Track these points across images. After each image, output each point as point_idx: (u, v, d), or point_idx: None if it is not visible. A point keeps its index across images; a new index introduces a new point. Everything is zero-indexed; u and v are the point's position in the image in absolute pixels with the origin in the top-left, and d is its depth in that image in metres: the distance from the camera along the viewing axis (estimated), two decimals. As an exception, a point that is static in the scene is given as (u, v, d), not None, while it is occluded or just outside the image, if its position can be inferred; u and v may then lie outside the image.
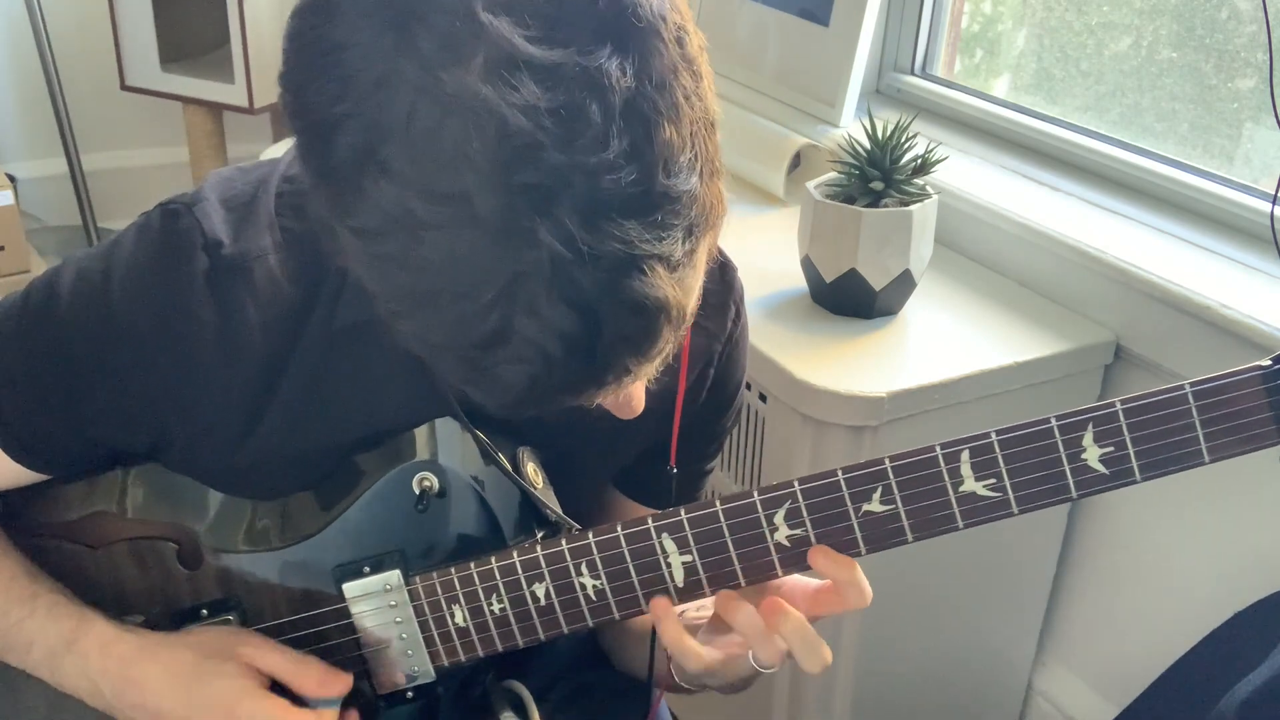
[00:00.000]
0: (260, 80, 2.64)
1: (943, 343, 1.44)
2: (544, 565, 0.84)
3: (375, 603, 0.88)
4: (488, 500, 0.87)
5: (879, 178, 1.41)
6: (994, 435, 0.75)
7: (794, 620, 0.80)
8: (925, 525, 0.77)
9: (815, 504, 0.78)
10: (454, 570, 0.86)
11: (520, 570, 0.84)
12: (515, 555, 0.84)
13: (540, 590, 0.84)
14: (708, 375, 0.95)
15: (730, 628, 0.82)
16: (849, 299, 1.46)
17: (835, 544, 0.79)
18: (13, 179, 2.54)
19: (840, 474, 0.77)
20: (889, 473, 0.77)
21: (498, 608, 0.86)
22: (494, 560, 0.85)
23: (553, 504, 0.89)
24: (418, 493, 0.86)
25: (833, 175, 1.47)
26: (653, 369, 0.69)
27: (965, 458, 0.75)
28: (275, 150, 2.25)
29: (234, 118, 2.85)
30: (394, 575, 0.87)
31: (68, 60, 2.76)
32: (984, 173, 1.68)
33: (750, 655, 0.82)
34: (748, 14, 1.98)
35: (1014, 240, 1.56)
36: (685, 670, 0.85)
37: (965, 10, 1.92)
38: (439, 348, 0.64)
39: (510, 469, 0.86)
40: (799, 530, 0.79)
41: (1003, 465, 0.75)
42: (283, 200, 0.83)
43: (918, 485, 0.76)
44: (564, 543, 0.83)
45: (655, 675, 0.94)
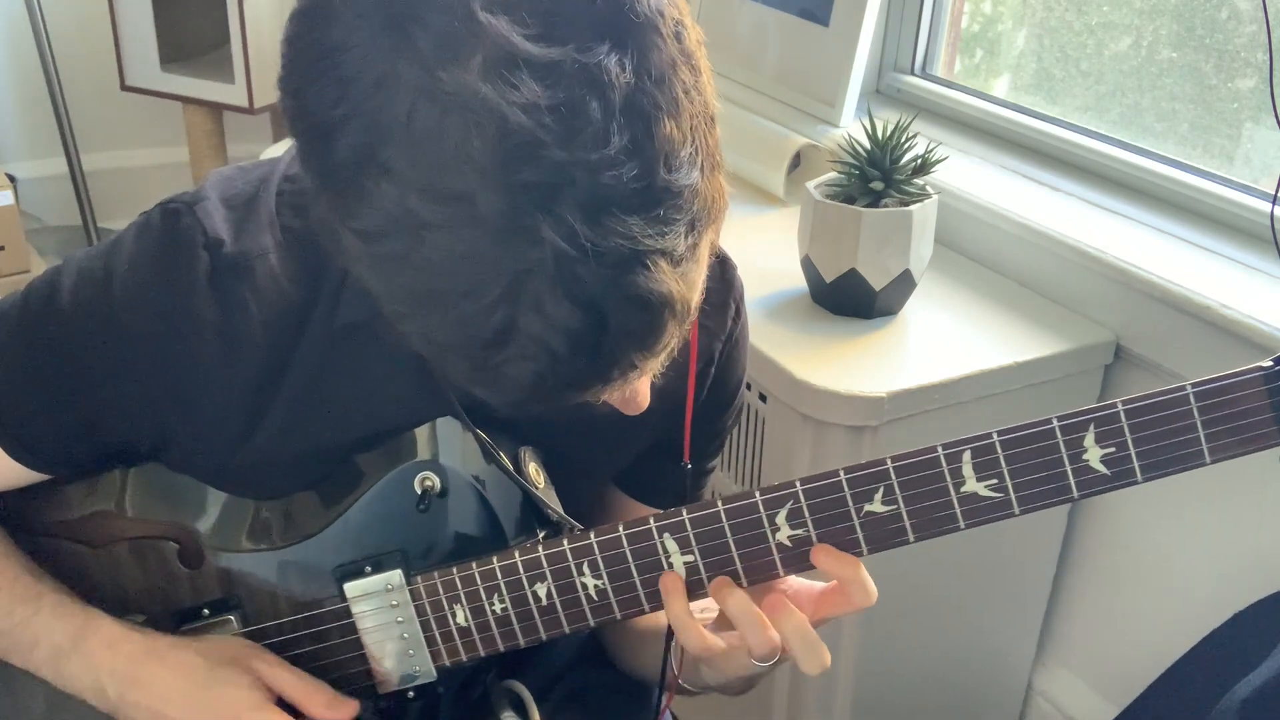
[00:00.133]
0: (260, 80, 2.64)
1: (943, 343, 1.44)
2: (545, 565, 0.84)
3: (376, 602, 0.88)
4: (489, 500, 0.87)
5: (879, 178, 1.41)
6: (995, 436, 0.75)
7: (795, 619, 0.80)
8: (927, 525, 0.77)
9: (817, 504, 0.78)
10: (455, 570, 0.86)
11: (522, 570, 0.84)
12: (517, 555, 0.84)
13: (542, 590, 0.84)
14: (708, 374, 0.95)
15: (730, 623, 0.82)
16: (849, 299, 1.46)
17: (837, 544, 0.79)
18: (13, 179, 2.54)
19: (842, 474, 0.77)
20: (891, 473, 0.77)
21: (499, 607, 0.86)
22: (495, 560, 0.85)
23: (554, 504, 0.89)
24: (419, 492, 0.86)
25: (833, 175, 1.47)
26: (658, 364, 0.69)
27: (967, 458, 0.75)
28: (275, 150, 2.24)
29: (234, 118, 2.85)
30: (395, 575, 0.87)
31: (68, 60, 2.76)
32: (984, 173, 1.68)
33: (746, 648, 0.82)
34: (748, 14, 1.98)
35: (1014, 240, 1.56)
36: (685, 650, 0.85)
37: (965, 10, 1.92)
38: (444, 347, 0.64)
39: (511, 468, 0.86)
40: (801, 530, 0.79)
41: (1004, 466, 0.75)
42: (283, 199, 0.83)
43: (919, 485, 0.76)
44: (565, 542, 0.83)
45: (662, 680, 0.94)
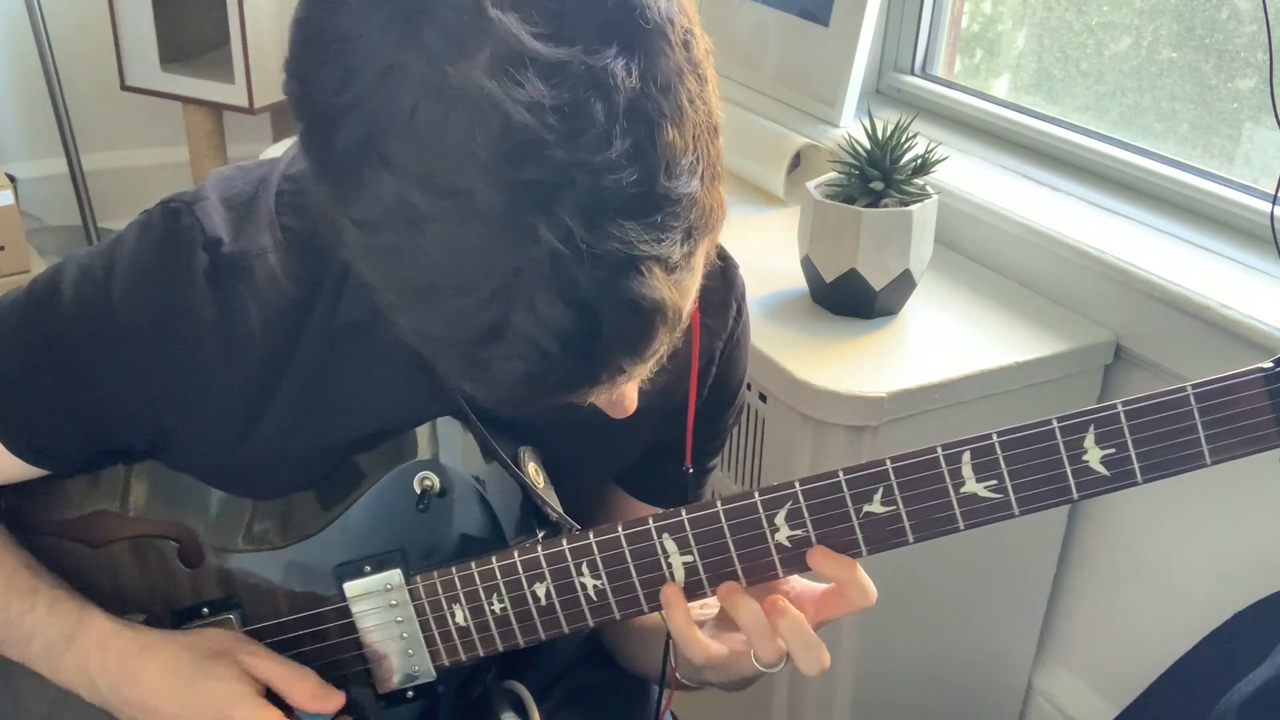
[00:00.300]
0: (260, 80, 2.64)
1: (943, 343, 1.44)
2: (545, 565, 0.84)
3: (376, 602, 0.88)
4: (489, 500, 0.87)
5: (879, 178, 1.41)
6: (995, 436, 0.75)
7: (792, 619, 0.80)
8: (926, 526, 0.77)
9: (816, 504, 0.78)
10: (455, 570, 0.86)
11: (521, 570, 0.84)
12: (516, 555, 0.84)
13: (541, 590, 0.84)
14: (709, 373, 0.95)
15: (734, 624, 0.82)
16: (849, 299, 1.46)
17: (836, 545, 0.79)
18: (13, 179, 2.54)
19: (841, 475, 0.77)
20: (890, 474, 0.76)
21: (498, 607, 0.86)
22: (495, 560, 0.85)
23: (554, 503, 0.89)
24: (419, 492, 0.86)
25: (833, 175, 1.47)
26: (647, 369, 0.69)
27: (967, 459, 0.75)
28: (275, 150, 2.24)
29: (234, 118, 2.85)
30: (395, 574, 0.87)
31: (68, 60, 2.75)
32: (984, 173, 1.68)
33: (751, 653, 0.82)
34: (748, 14, 1.98)
35: (1014, 240, 1.56)
36: (690, 662, 0.85)
37: (965, 10, 1.92)
38: (436, 341, 0.64)
39: (511, 464, 0.86)
40: (800, 531, 0.79)
41: (1004, 466, 0.75)
42: (283, 199, 0.83)
43: (919, 486, 0.76)
44: (565, 542, 0.83)
45: (654, 677, 0.94)
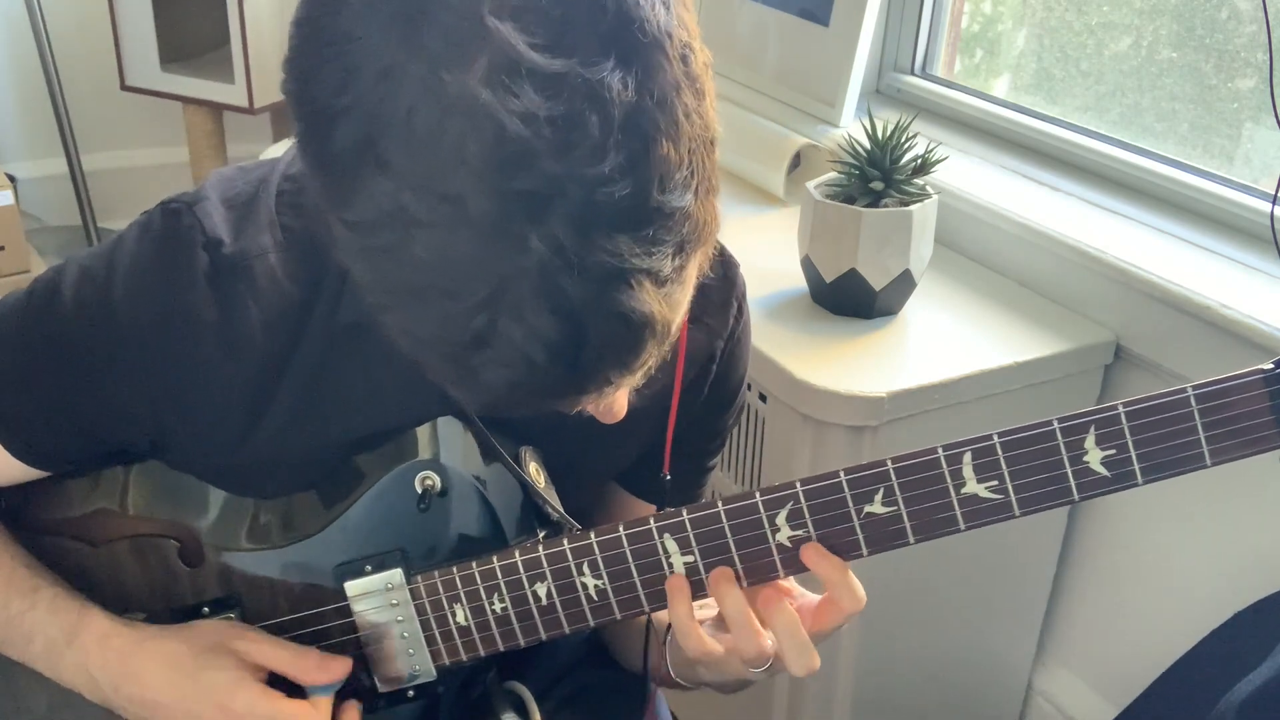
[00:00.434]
0: (260, 80, 2.64)
1: (943, 343, 1.44)
2: (546, 565, 0.84)
3: (376, 601, 0.88)
4: (490, 499, 0.87)
5: (879, 178, 1.41)
6: (996, 437, 0.75)
7: (788, 615, 0.80)
8: (927, 527, 0.77)
9: (817, 505, 0.78)
10: (455, 569, 0.86)
11: (522, 569, 0.84)
12: (517, 554, 0.84)
13: (542, 590, 0.84)
14: (710, 371, 0.95)
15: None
16: (849, 299, 1.46)
17: (837, 545, 0.79)
18: (13, 179, 2.54)
19: (842, 475, 0.77)
20: (891, 474, 0.77)
21: (499, 607, 0.86)
22: (496, 559, 0.85)
23: (555, 503, 0.89)
24: (419, 492, 0.86)
25: (833, 175, 1.47)
26: (635, 380, 0.69)
27: (967, 459, 0.75)
28: (275, 150, 2.24)
29: (234, 118, 2.85)
30: (395, 574, 0.87)
31: (68, 60, 2.75)
32: (984, 173, 1.68)
33: (740, 653, 0.82)
34: (748, 14, 1.98)
35: (1014, 240, 1.56)
36: (684, 653, 0.85)
37: (965, 10, 1.92)
38: (424, 344, 0.64)
39: (512, 463, 0.86)
40: (801, 531, 0.79)
41: (1005, 467, 0.75)
42: (283, 199, 0.83)
43: (920, 487, 0.76)
44: (566, 542, 0.83)
45: (652, 672, 0.94)
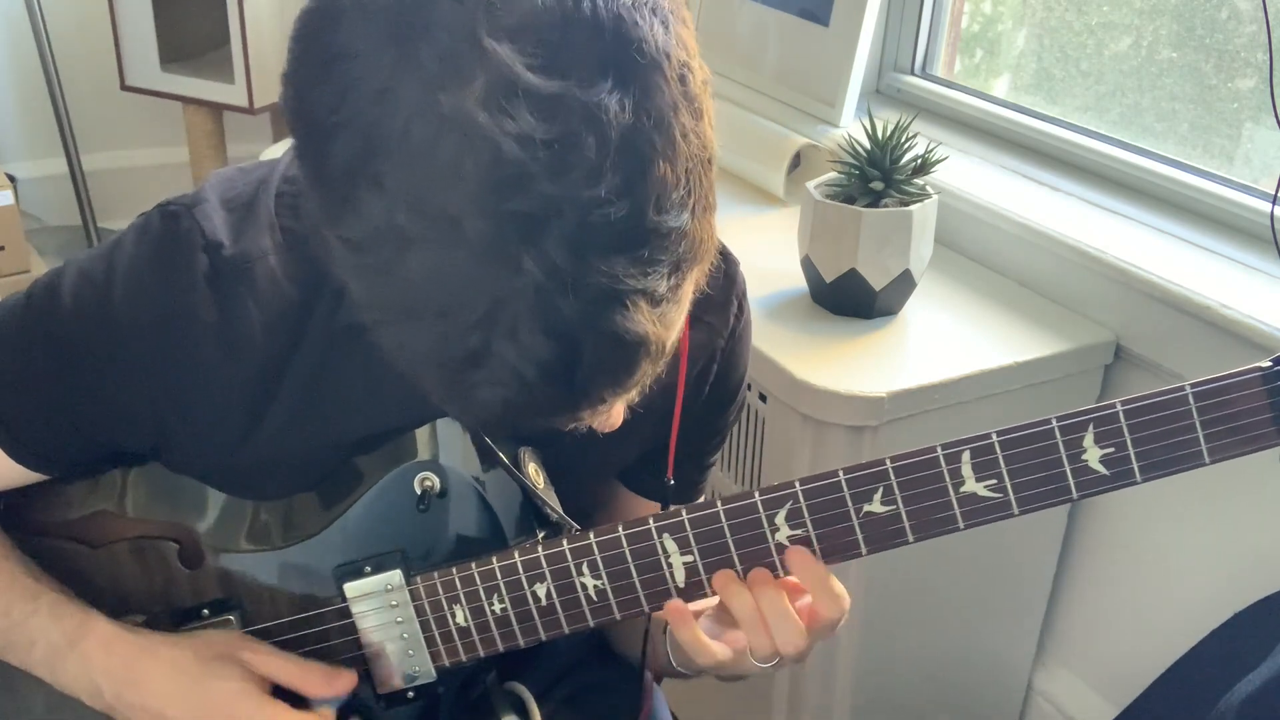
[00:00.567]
0: (260, 80, 2.64)
1: (943, 343, 1.44)
2: (545, 565, 0.84)
3: (376, 603, 0.88)
4: (489, 500, 0.87)
5: (879, 178, 1.41)
6: (995, 436, 0.75)
7: (771, 594, 0.80)
8: (926, 526, 0.77)
9: (816, 504, 0.78)
10: (455, 570, 0.86)
11: (521, 570, 0.84)
12: (516, 555, 0.85)
13: (541, 590, 0.85)
14: (710, 371, 0.95)
15: (732, 618, 0.82)
16: (849, 299, 1.46)
17: (837, 544, 0.79)
18: (13, 179, 2.54)
19: (841, 474, 0.77)
20: (890, 473, 0.77)
21: (499, 608, 0.86)
22: (495, 560, 0.85)
23: (554, 504, 0.89)
24: (419, 493, 0.86)
25: (833, 175, 1.47)
26: (631, 397, 0.69)
27: (966, 458, 0.75)
28: (275, 150, 2.24)
29: (234, 118, 2.85)
30: (395, 575, 0.87)
31: (68, 60, 2.75)
32: (984, 173, 1.68)
33: (748, 650, 0.82)
34: (748, 14, 1.98)
35: (1014, 240, 1.56)
36: (695, 665, 0.85)
37: (965, 10, 1.92)
38: (418, 361, 0.64)
39: (511, 466, 0.86)
40: (800, 531, 0.79)
41: (1004, 466, 0.75)
42: (283, 201, 0.83)
43: (919, 486, 0.76)
44: (565, 543, 0.83)
45: (649, 666, 0.94)
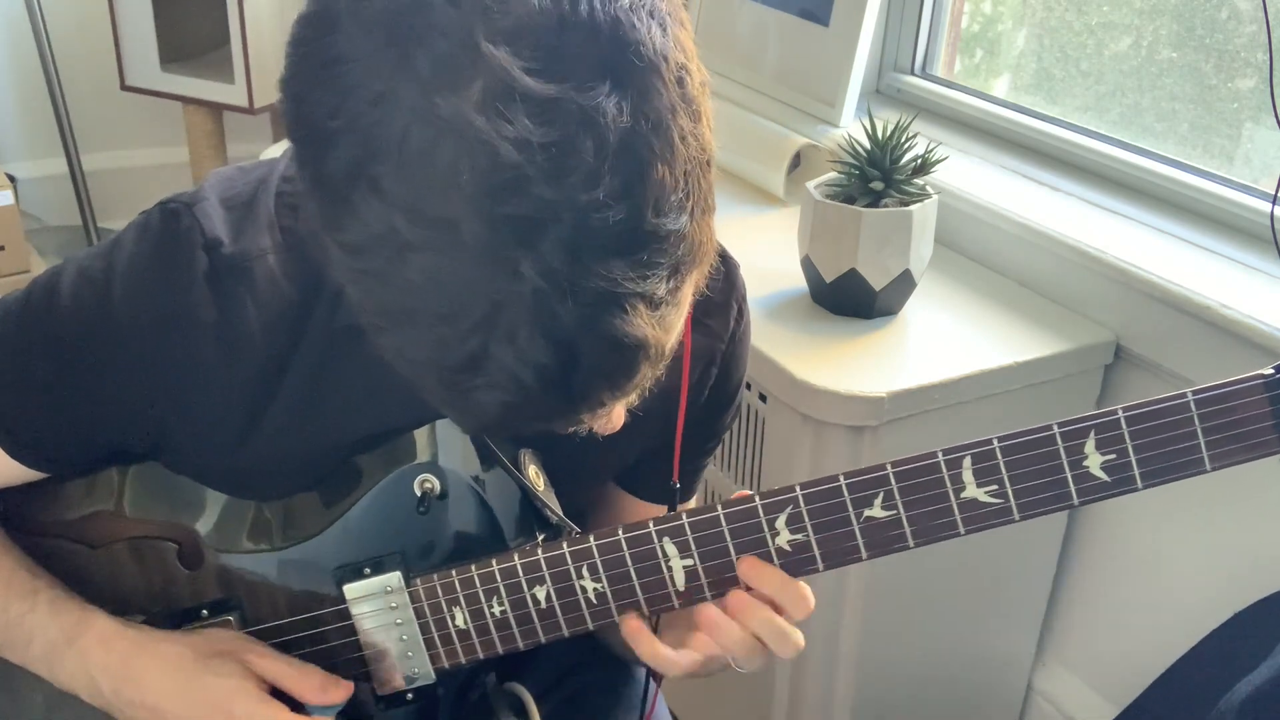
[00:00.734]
0: (260, 80, 2.64)
1: (943, 343, 1.44)
2: (545, 568, 0.84)
3: (375, 604, 0.88)
4: (489, 502, 0.87)
5: (879, 178, 1.41)
6: (996, 442, 0.75)
7: (761, 614, 0.80)
8: (927, 531, 0.77)
9: (817, 509, 0.78)
10: (455, 572, 0.86)
11: (521, 573, 0.84)
12: (516, 557, 0.84)
13: (541, 593, 0.84)
14: (710, 374, 0.95)
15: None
16: (849, 299, 1.46)
17: (837, 549, 0.79)
18: (13, 179, 2.54)
19: (842, 479, 0.77)
20: (891, 478, 0.77)
21: (498, 610, 0.86)
22: (495, 562, 0.85)
23: (554, 506, 0.89)
24: (419, 495, 0.86)
25: (833, 175, 1.47)
26: (630, 400, 0.69)
27: (967, 464, 0.75)
28: (275, 150, 2.24)
29: (234, 118, 2.85)
30: (394, 577, 0.87)
31: (68, 60, 2.75)
32: (984, 173, 1.68)
33: (732, 660, 0.82)
34: (748, 14, 1.98)
35: (1014, 240, 1.56)
36: (669, 676, 0.85)
37: (965, 10, 1.92)
38: (417, 365, 0.64)
39: (512, 467, 0.86)
40: (800, 535, 0.79)
41: (1005, 472, 0.75)
42: (282, 200, 0.83)
43: (920, 491, 0.76)
44: (565, 545, 0.83)
45: (650, 669, 0.94)
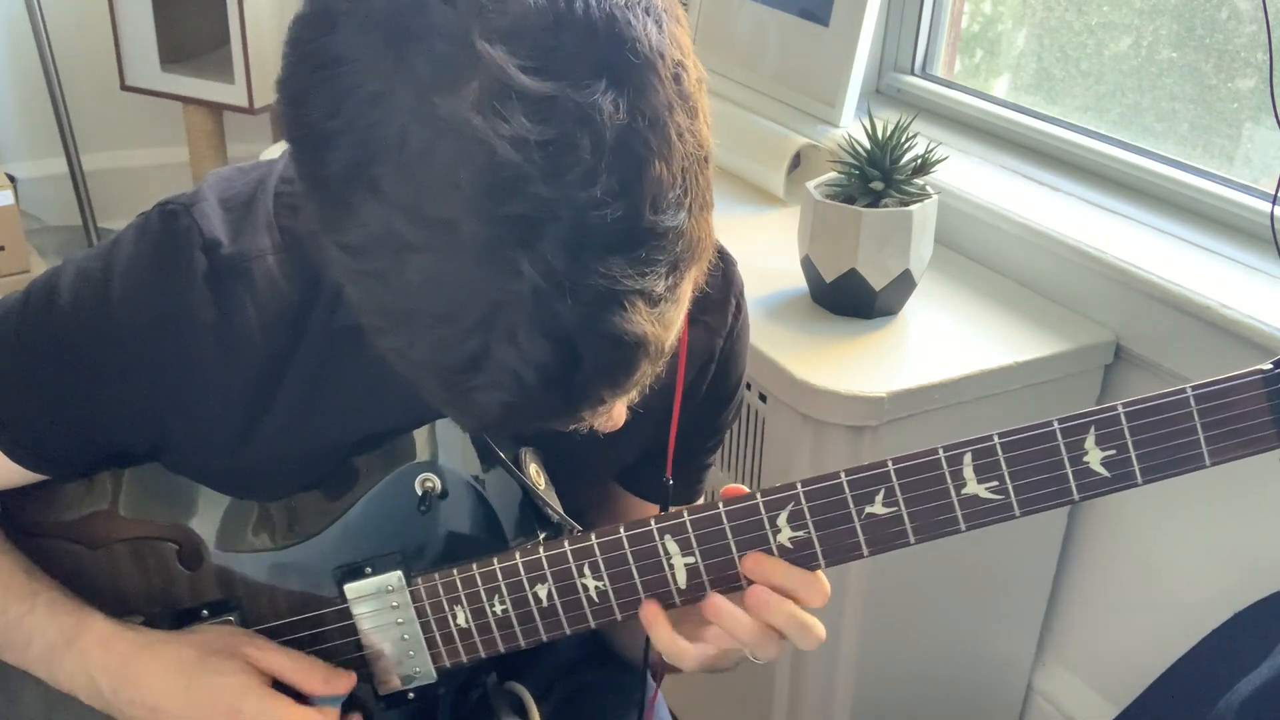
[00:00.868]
0: (260, 80, 2.64)
1: (943, 343, 1.44)
2: (546, 566, 0.84)
3: (376, 603, 0.88)
4: (489, 501, 0.87)
5: (879, 178, 1.41)
6: (996, 438, 0.75)
7: (785, 609, 0.79)
8: (928, 528, 0.77)
9: (818, 506, 0.78)
10: (455, 571, 0.86)
11: (522, 571, 0.84)
12: (517, 556, 0.84)
13: (542, 591, 0.84)
14: (709, 370, 0.95)
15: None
16: (849, 299, 1.46)
17: (838, 546, 0.79)
18: (13, 179, 2.54)
19: (843, 476, 0.77)
20: (892, 475, 0.77)
21: (500, 609, 0.86)
22: (496, 561, 0.85)
23: (555, 505, 0.89)
24: (420, 494, 0.86)
25: (833, 175, 1.47)
26: (631, 397, 0.69)
27: (968, 460, 0.75)
28: (275, 150, 2.24)
29: (234, 118, 2.85)
30: (395, 576, 0.87)
31: (68, 60, 2.75)
32: (984, 173, 1.68)
33: (748, 651, 0.82)
34: (748, 14, 1.98)
35: (1014, 240, 1.56)
36: (683, 669, 0.85)
37: (965, 10, 1.92)
38: (417, 366, 0.64)
39: (513, 467, 0.86)
40: (802, 532, 0.79)
41: (1005, 468, 0.75)
42: (281, 200, 0.83)
43: (920, 488, 0.76)
44: (566, 544, 0.83)
45: (651, 664, 0.94)
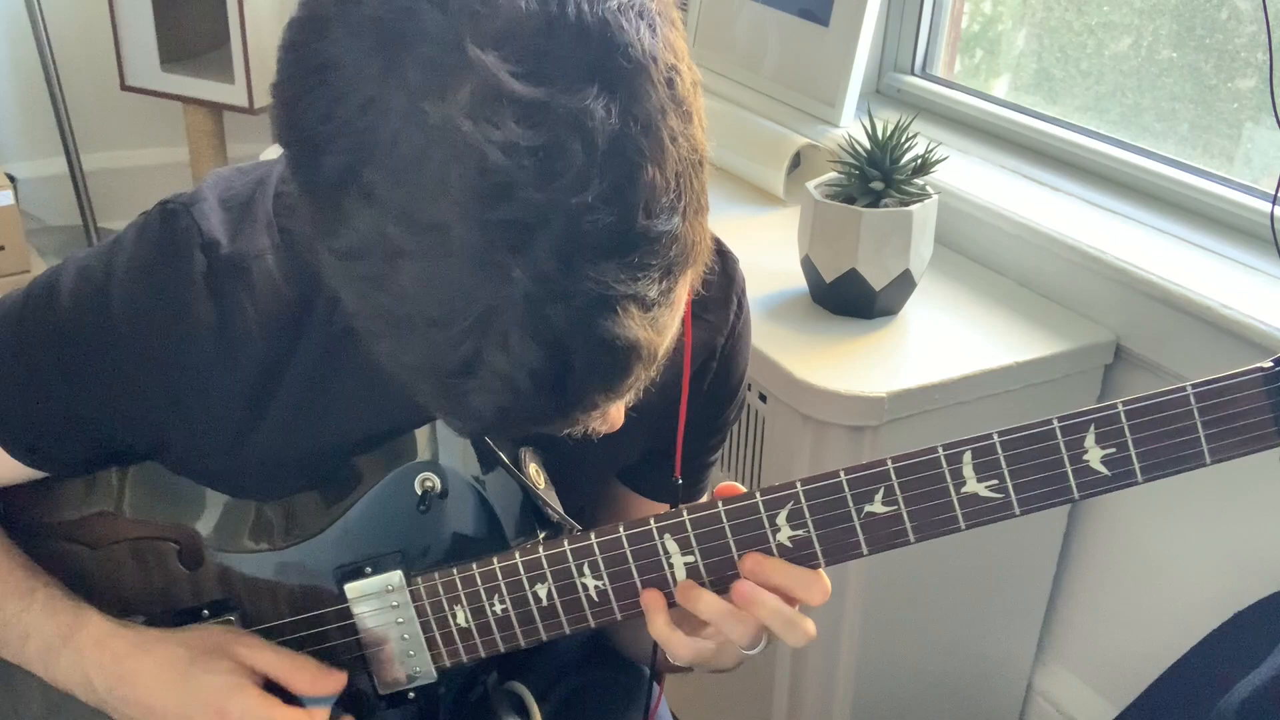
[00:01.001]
0: (260, 80, 2.64)
1: (943, 343, 1.44)
2: (546, 566, 0.84)
3: (377, 603, 0.88)
4: (489, 501, 0.87)
5: (879, 178, 1.41)
6: (996, 436, 0.75)
7: (770, 604, 0.80)
8: (928, 526, 0.77)
9: (817, 505, 0.78)
10: (456, 571, 0.86)
11: (522, 571, 0.84)
12: (517, 555, 0.84)
13: (542, 591, 0.84)
14: (710, 368, 0.95)
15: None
16: (849, 299, 1.46)
17: (838, 545, 0.79)
18: (13, 179, 2.54)
19: (843, 475, 0.77)
20: (891, 474, 0.77)
21: (500, 608, 0.86)
22: (496, 561, 0.85)
23: (555, 504, 0.89)
24: (420, 493, 0.86)
25: (833, 175, 1.47)
26: (625, 401, 0.69)
27: (967, 459, 0.75)
28: (275, 150, 2.24)
29: (234, 118, 2.85)
30: (395, 576, 0.87)
31: (68, 60, 2.75)
32: (984, 173, 1.68)
33: (736, 645, 0.82)
34: (748, 14, 1.98)
35: (1014, 240, 1.56)
36: (677, 661, 0.85)
37: (965, 10, 1.92)
38: (410, 370, 0.64)
39: (512, 466, 0.86)
40: (802, 531, 0.79)
41: (1005, 466, 0.75)
42: (281, 201, 0.83)
43: (920, 486, 0.76)
44: (566, 543, 0.83)
45: (653, 670, 0.94)
